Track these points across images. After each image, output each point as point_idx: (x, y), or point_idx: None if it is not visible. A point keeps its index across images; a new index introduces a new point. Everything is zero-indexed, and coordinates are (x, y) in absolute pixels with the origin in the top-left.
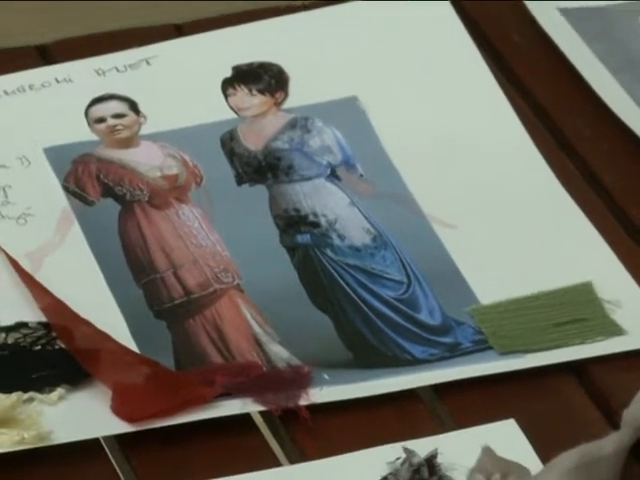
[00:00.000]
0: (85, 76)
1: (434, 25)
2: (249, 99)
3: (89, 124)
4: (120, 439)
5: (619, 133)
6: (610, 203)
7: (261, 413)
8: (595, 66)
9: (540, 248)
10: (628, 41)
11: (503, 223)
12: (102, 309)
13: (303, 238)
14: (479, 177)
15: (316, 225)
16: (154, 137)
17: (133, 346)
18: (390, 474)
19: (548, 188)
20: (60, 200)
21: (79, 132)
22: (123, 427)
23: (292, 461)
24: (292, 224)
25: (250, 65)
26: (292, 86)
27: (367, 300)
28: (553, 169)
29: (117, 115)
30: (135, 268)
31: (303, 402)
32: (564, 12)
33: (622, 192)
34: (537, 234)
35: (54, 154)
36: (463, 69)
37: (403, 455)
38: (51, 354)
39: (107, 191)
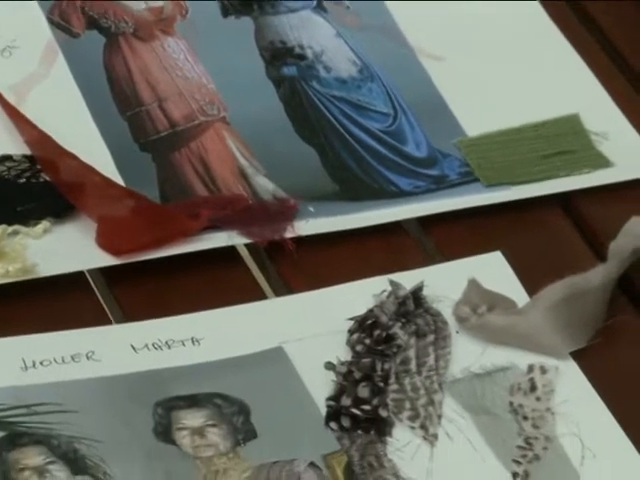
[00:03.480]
0: None
1: None
2: None
3: None
4: (105, 272)
5: None
6: (599, 36)
7: (247, 246)
8: None
9: (528, 80)
10: None
11: (491, 55)
12: (87, 142)
13: (289, 70)
14: (466, 9)
15: (302, 57)
16: None
17: (118, 179)
18: (376, 306)
19: (536, 20)
20: (45, 32)
21: None
22: (108, 260)
23: (278, 294)
24: (278, 56)
25: None
26: None
27: (353, 132)
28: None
29: None
30: (120, 101)
31: (289, 234)
32: None
33: (611, 25)
34: (525, 66)
35: None
36: None
37: (389, 288)
38: (36, 187)
39: (92, 23)
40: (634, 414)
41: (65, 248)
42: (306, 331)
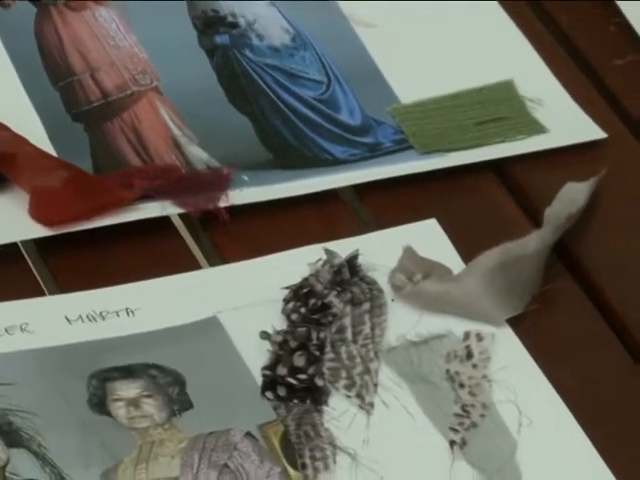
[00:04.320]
0: None
1: None
2: None
3: None
4: (38, 243)
5: None
6: (533, 3)
7: (180, 216)
8: None
9: (462, 47)
10: None
11: (424, 22)
12: (19, 113)
13: (222, 39)
14: None
15: (235, 25)
16: None
17: (50, 150)
18: (311, 275)
19: None
20: None
21: None
22: (41, 231)
23: (212, 263)
24: (210, 25)
25: None
26: None
27: (286, 100)
28: None
29: None
30: (52, 71)
31: (222, 204)
32: None
33: None
34: (458, 33)
35: None
36: None
37: (324, 256)
38: None
39: None
40: (570, 380)
41: None
42: (241, 300)
